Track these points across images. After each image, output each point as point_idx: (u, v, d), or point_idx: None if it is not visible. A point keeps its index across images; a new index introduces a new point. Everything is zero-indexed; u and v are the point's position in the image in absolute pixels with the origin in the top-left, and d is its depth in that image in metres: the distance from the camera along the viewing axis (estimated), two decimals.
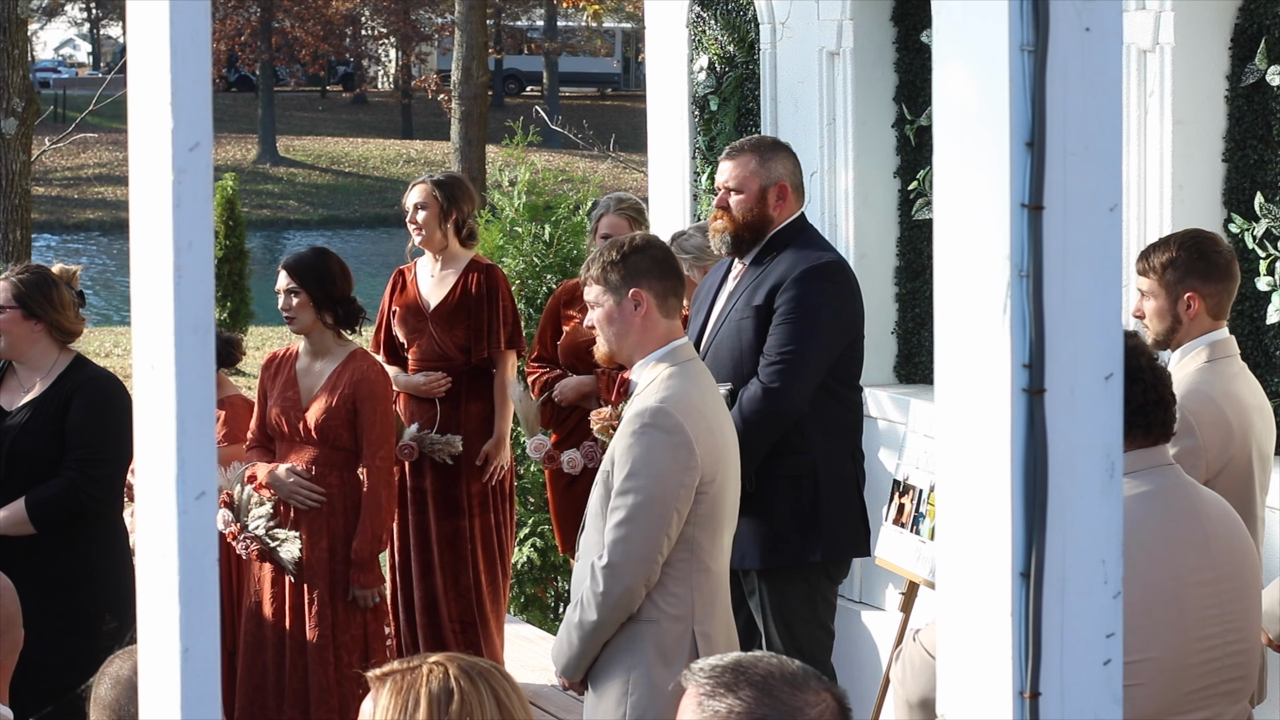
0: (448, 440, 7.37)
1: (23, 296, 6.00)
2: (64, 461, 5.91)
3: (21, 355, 6.05)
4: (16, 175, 12.65)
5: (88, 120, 17.35)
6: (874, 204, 7.69)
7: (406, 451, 7.39)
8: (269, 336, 21.16)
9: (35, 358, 6.04)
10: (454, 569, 7.46)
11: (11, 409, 6.03)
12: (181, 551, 2.35)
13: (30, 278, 6.06)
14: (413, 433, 7.40)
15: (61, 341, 6.09)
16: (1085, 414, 2.43)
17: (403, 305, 7.52)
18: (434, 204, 7.40)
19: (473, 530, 7.45)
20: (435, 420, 7.41)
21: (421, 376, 7.43)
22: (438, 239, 7.43)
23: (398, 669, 2.82)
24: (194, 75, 2.36)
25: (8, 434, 5.97)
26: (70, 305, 6.09)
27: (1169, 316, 5.00)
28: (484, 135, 24.29)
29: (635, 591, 4.57)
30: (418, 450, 7.40)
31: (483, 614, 7.47)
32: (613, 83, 57.49)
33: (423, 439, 7.39)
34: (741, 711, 2.48)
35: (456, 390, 7.41)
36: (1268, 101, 6.20)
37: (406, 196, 7.55)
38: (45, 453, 5.93)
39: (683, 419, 4.56)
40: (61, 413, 5.95)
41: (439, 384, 7.39)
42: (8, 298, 6.02)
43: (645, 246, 4.77)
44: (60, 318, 6.05)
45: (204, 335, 2.36)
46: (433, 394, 7.41)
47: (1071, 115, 2.41)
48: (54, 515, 5.88)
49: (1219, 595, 3.93)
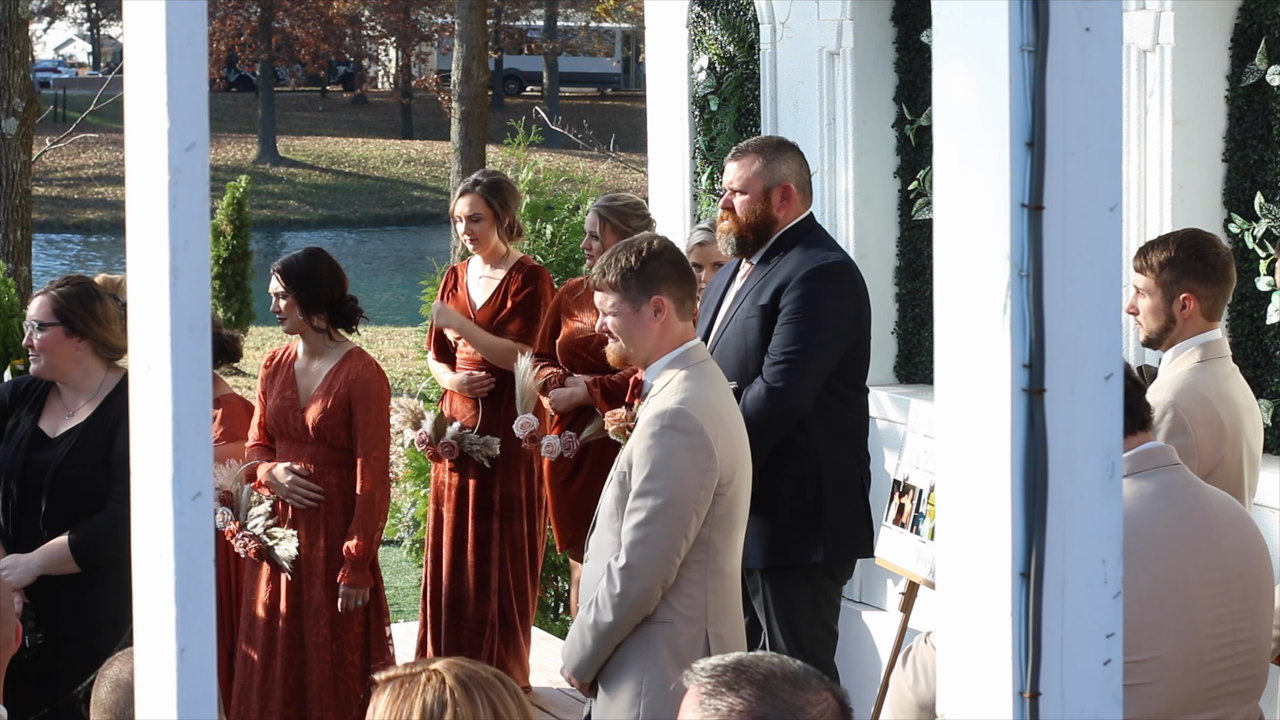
0: (485, 442, 7.38)
1: (64, 312, 5.51)
2: (110, 494, 5.41)
3: (65, 376, 5.57)
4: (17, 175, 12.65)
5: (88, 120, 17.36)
6: (874, 204, 7.69)
7: (447, 450, 7.40)
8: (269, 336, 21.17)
9: (80, 378, 5.56)
10: (482, 570, 7.47)
11: (55, 435, 5.55)
12: (178, 552, 2.35)
13: (72, 290, 5.56)
14: (454, 431, 7.41)
15: (108, 359, 5.60)
16: (1085, 414, 2.43)
17: (453, 304, 7.52)
18: (488, 213, 7.37)
19: (502, 534, 7.46)
20: (477, 420, 7.42)
21: (465, 375, 7.44)
22: (494, 244, 7.42)
23: (399, 674, 2.82)
24: (190, 76, 2.35)
25: (50, 464, 5.48)
26: (116, 319, 5.56)
27: (1163, 315, 5.00)
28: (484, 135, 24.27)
29: (652, 593, 4.57)
30: (458, 449, 7.41)
31: (506, 618, 7.46)
32: (613, 83, 57.50)
33: (463, 438, 7.40)
34: (743, 710, 2.48)
35: (499, 391, 7.42)
36: (1268, 101, 6.19)
37: (455, 204, 7.51)
38: (91, 484, 5.45)
39: (702, 421, 4.57)
40: (109, 439, 5.43)
41: (482, 384, 7.41)
42: (47, 314, 5.53)
43: (662, 251, 4.76)
44: (105, 333, 5.56)
45: (200, 335, 2.36)
46: (475, 394, 7.42)
47: (1071, 115, 2.41)
48: (99, 554, 5.37)
49: (1228, 594, 3.93)
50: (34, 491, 5.50)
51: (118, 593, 5.01)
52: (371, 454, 6.56)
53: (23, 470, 5.51)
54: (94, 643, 5.28)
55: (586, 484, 7.08)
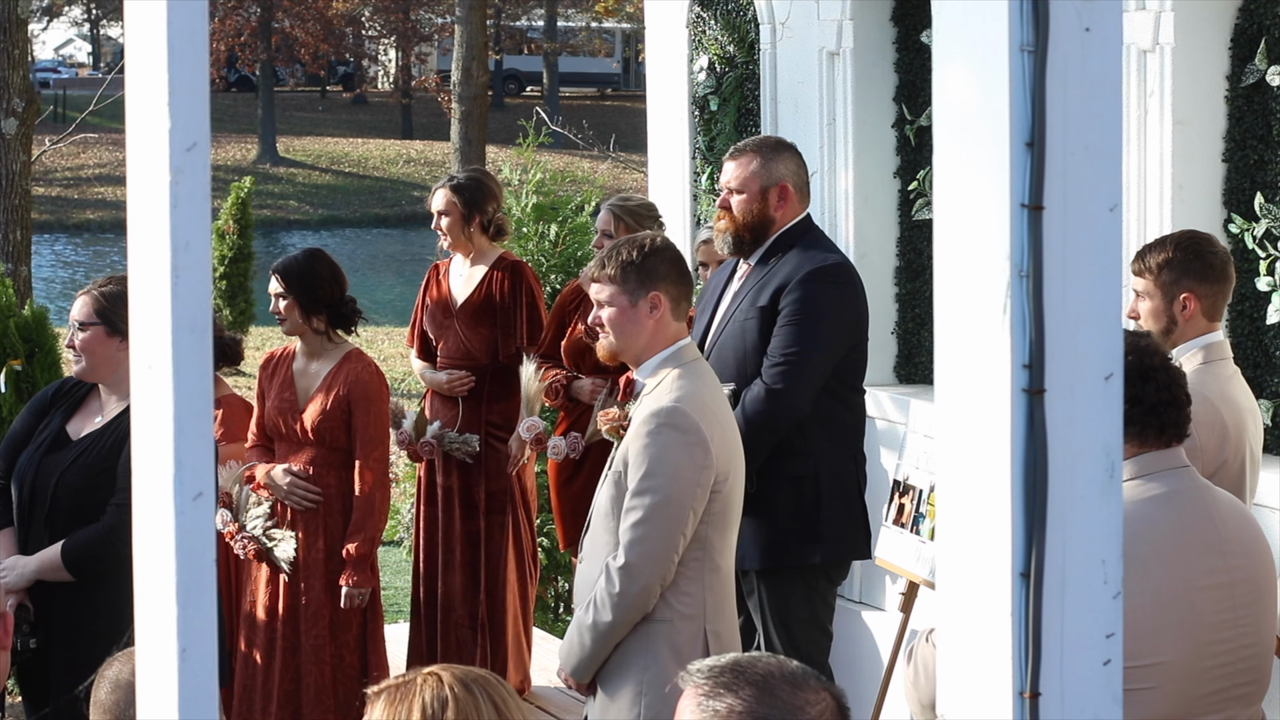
0: (465, 440, 7.37)
1: (106, 312, 5.39)
2: (108, 504, 5.33)
3: (106, 377, 5.46)
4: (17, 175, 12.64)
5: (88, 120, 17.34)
6: (874, 204, 7.69)
7: (427, 449, 7.40)
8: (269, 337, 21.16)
9: (119, 380, 5.40)
10: (471, 570, 7.46)
11: (76, 437, 5.48)
12: (179, 552, 2.35)
13: (114, 290, 5.42)
14: (434, 430, 7.41)
15: None
16: (1085, 414, 2.43)
17: (433, 301, 7.52)
18: (455, 210, 7.39)
19: (489, 532, 7.44)
20: (457, 419, 7.41)
21: (445, 375, 7.43)
22: (464, 243, 7.43)
23: (393, 683, 2.80)
24: (191, 76, 2.36)
25: (57, 467, 5.41)
26: None
27: (1164, 317, 4.99)
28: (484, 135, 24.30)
29: (651, 591, 4.57)
30: (438, 448, 7.40)
31: (497, 619, 7.44)
32: (613, 83, 57.48)
33: (443, 437, 7.40)
34: (742, 711, 2.48)
35: (479, 390, 7.41)
36: (1268, 101, 6.19)
37: (430, 200, 7.54)
38: (94, 490, 5.36)
39: (698, 418, 4.57)
40: (119, 446, 5.31)
41: (461, 383, 7.40)
42: (89, 313, 5.42)
43: (664, 249, 4.76)
44: None
45: (201, 335, 2.36)
46: (454, 393, 7.41)
47: (1071, 115, 2.41)
48: (90, 563, 5.31)
49: (1232, 599, 3.92)
50: (42, 494, 5.46)
51: (114, 600, 5.07)
52: (371, 455, 6.55)
53: (36, 472, 5.48)
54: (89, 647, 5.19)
55: (588, 483, 7.08)
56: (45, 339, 8.04)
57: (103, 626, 5.28)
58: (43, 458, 5.48)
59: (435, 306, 7.51)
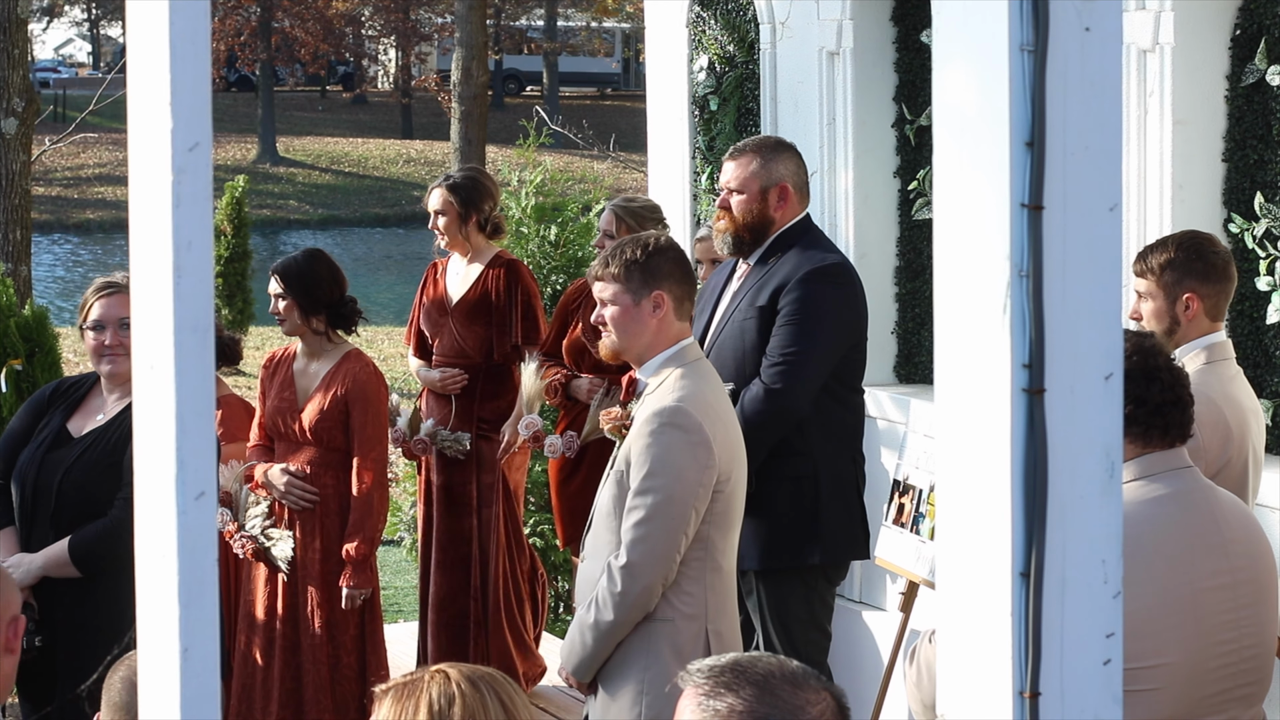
0: (456, 438, 7.39)
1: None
2: (115, 498, 5.36)
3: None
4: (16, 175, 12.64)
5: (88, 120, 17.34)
6: (874, 204, 7.69)
7: (420, 447, 7.42)
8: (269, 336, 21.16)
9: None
10: (464, 566, 7.47)
11: (78, 435, 5.48)
12: (181, 551, 2.35)
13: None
14: (428, 428, 7.43)
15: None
16: (1085, 414, 2.43)
17: (430, 299, 7.55)
18: (451, 209, 7.40)
19: (482, 526, 7.45)
20: (450, 417, 7.43)
21: (438, 373, 7.45)
22: (461, 242, 7.44)
23: (400, 681, 2.80)
24: (193, 75, 2.36)
25: (61, 464, 5.42)
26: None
27: (1167, 318, 4.98)
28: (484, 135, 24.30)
29: (653, 591, 4.57)
30: (431, 446, 7.42)
31: (493, 614, 7.45)
32: (613, 83, 57.46)
33: (435, 435, 7.42)
34: (743, 710, 2.48)
35: (473, 388, 7.42)
36: (1268, 101, 6.20)
37: (426, 199, 7.55)
38: (98, 487, 5.39)
39: (700, 418, 4.57)
40: (123, 443, 5.30)
41: (454, 381, 7.41)
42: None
43: (668, 248, 4.76)
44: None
45: (203, 335, 2.36)
46: (447, 391, 7.42)
47: (1071, 115, 2.41)
48: (97, 558, 5.32)
49: (1235, 600, 3.92)
50: (45, 492, 5.45)
51: (118, 597, 5.05)
52: (369, 455, 6.56)
53: (38, 469, 5.47)
54: (94, 645, 5.24)
55: (586, 482, 7.09)
56: (45, 339, 8.04)
57: (105, 623, 5.29)
58: (45, 456, 5.47)
59: (431, 304, 7.52)
